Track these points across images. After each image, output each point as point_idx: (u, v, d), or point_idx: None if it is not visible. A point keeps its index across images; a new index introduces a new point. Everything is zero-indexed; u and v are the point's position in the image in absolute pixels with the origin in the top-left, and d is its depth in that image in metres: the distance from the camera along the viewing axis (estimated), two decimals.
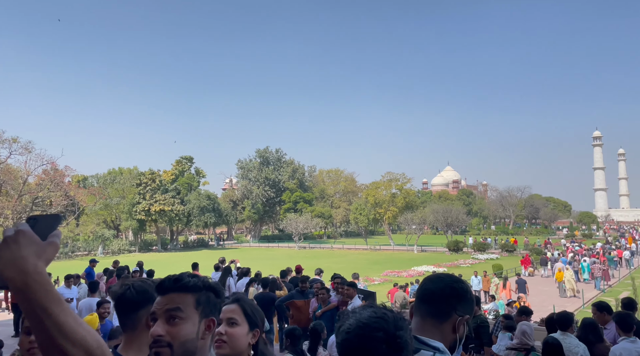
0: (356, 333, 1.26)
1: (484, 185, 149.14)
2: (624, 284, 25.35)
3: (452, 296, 1.65)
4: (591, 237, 67.46)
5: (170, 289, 1.50)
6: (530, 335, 6.20)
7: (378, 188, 67.77)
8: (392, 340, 1.24)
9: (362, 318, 1.29)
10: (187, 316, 1.45)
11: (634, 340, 4.97)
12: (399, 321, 1.29)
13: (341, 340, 1.28)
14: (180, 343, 1.42)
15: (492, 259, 40.22)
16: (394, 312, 1.33)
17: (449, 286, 1.67)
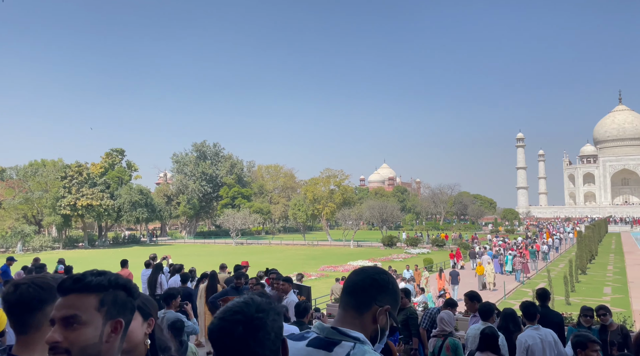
0: (219, 317, 1.33)
1: (418, 182, 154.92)
2: (541, 276, 27.36)
3: (372, 287, 1.68)
4: (513, 232, 72.12)
5: (70, 290, 1.38)
6: (448, 322, 6.52)
7: (317, 184, 68.29)
8: (249, 322, 1.30)
9: (229, 303, 1.38)
10: (87, 320, 1.34)
11: (537, 327, 5.38)
12: (262, 306, 1.34)
13: (209, 325, 1.36)
14: (80, 349, 1.32)
15: (423, 254, 41.90)
16: (265, 299, 1.40)
17: (370, 278, 1.70)
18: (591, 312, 6.64)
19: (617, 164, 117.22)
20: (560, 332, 6.38)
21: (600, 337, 6.38)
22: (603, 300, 20.48)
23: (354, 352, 1.53)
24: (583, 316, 6.69)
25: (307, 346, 1.61)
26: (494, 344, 4.86)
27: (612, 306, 18.63)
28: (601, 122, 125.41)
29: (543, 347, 5.16)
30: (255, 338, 1.30)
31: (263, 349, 1.30)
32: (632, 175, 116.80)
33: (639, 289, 22.96)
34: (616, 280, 26.31)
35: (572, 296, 20.04)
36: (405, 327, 7.25)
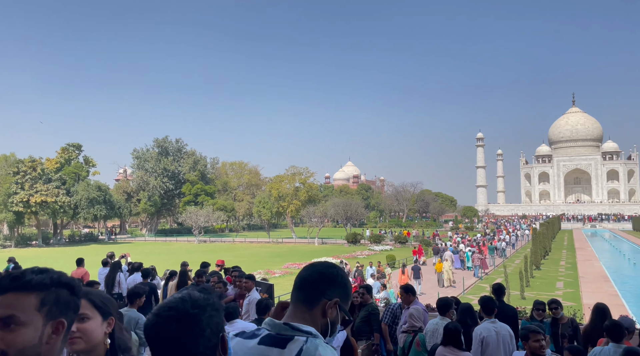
0: (154, 313, 1.32)
1: (382, 180, 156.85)
2: (498, 271, 28.29)
3: (320, 282, 1.69)
4: (472, 229, 74.26)
5: (8, 289, 1.29)
6: (417, 318, 6.63)
7: (282, 181, 68.00)
8: (183, 318, 1.29)
9: (166, 299, 1.37)
10: (26, 321, 1.26)
11: (494, 320, 5.57)
12: (199, 301, 1.32)
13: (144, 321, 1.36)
14: (17, 351, 1.25)
15: (386, 251, 42.49)
16: (204, 295, 1.37)
17: (317, 272, 1.71)
18: (543, 306, 6.92)
19: (570, 163, 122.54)
20: (514, 326, 6.61)
21: (551, 330, 6.66)
22: (556, 294, 21.39)
23: (307, 346, 1.53)
24: (535, 310, 6.96)
25: (259, 344, 1.60)
26: (457, 339, 4.99)
27: (564, 300, 19.51)
28: (556, 123, 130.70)
29: (498, 340, 5.33)
30: (189, 334, 1.28)
31: (197, 346, 1.28)
32: (583, 174, 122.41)
33: (589, 283, 24.12)
34: (568, 275, 27.51)
35: (526, 291, 20.80)
36: (367, 323, 7.32)
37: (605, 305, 6.48)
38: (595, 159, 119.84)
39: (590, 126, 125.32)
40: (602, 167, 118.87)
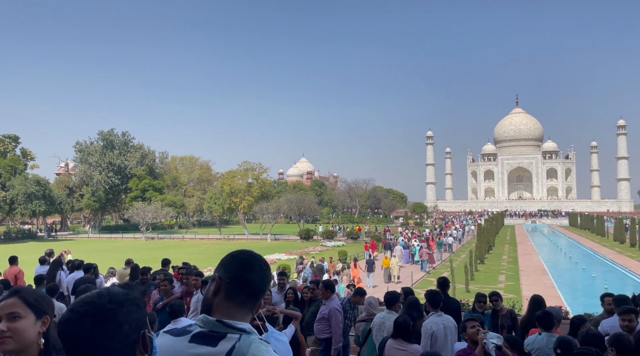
0: (69, 309, 1.30)
1: (335, 177, 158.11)
2: (445, 266, 29.22)
3: None
4: (422, 225, 76.40)
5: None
6: (375, 306, 6.79)
7: (234, 177, 67.08)
8: (98, 313, 1.26)
9: (83, 295, 1.34)
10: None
11: (440, 314, 5.75)
12: (117, 297, 1.30)
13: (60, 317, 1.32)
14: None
15: (338, 246, 42.95)
16: (125, 290, 1.35)
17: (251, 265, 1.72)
18: (484, 298, 7.20)
19: (513, 162, 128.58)
20: (458, 317, 6.85)
21: (492, 321, 6.94)
22: (498, 287, 22.38)
23: (240, 344, 1.48)
24: (477, 302, 7.23)
25: (190, 341, 1.53)
26: (407, 332, 5.09)
27: (505, 292, 20.45)
28: (500, 123, 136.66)
29: (445, 333, 5.51)
30: (103, 330, 1.24)
31: (112, 342, 1.24)
32: (525, 172, 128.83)
33: (528, 276, 25.40)
34: (509, 269, 28.85)
35: (471, 284, 21.62)
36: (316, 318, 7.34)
37: (541, 297, 6.83)
38: (536, 158, 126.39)
39: (532, 126, 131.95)
40: (542, 166, 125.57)
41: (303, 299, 7.81)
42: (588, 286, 23.19)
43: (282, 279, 8.24)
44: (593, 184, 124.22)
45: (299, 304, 7.73)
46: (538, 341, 4.99)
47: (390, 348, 5.07)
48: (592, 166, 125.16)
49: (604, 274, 25.77)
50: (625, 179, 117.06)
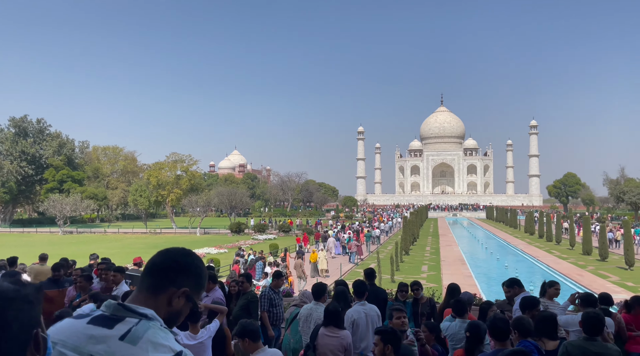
0: None
1: (268, 170, 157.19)
2: (373, 257, 30.17)
3: (171, 269, 1.62)
4: (352, 218, 78.12)
5: None
6: (309, 297, 6.92)
7: (162, 168, 64.59)
8: None
9: None
10: None
11: (364, 303, 6.00)
12: (6, 293, 1.21)
13: None
14: None
15: (270, 240, 42.88)
16: (15, 287, 1.25)
17: (170, 259, 1.65)
18: (406, 288, 7.56)
19: (437, 158, 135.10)
20: (385, 306, 7.16)
21: (412, 309, 7.32)
22: (421, 276, 23.53)
23: (137, 328, 1.46)
24: (399, 292, 7.58)
25: (88, 323, 1.49)
26: (337, 319, 5.23)
27: (427, 282, 21.55)
28: (426, 120, 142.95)
29: (367, 321, 5.75)
30: None
31: None
32: (449, 168, 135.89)
33: (449, 266, 26.92)
34: (432, 259, 30.39)
35: (396, 275, 22.53)
36: (247, 312, 7.33)
37: (457, 285, 7.30)
38: (458, 155, 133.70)
39: (455, 124, 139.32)
40: (463, 162, 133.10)
41: (230, 292, 7.75)
42: (501, 274, 24.96)
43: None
44: (508, 179, 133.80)
45: (227, 298, 7.66)
46: (452, 327, 5.36)
47: (322, 336, 5.19)
48: (507, 163, 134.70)
49: (515, 264, 27.90)
50: (536, 176, 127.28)
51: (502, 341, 4.30)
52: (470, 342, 4.65)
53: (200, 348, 4.65)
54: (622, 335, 6.29)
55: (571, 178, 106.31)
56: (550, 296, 6.90)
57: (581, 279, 22.39)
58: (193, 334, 4.96)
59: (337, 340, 5.10)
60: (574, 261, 28.85)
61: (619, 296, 12.85)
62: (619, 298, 10.82)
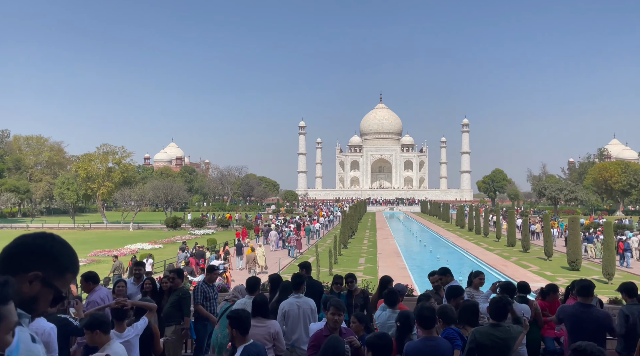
0: None
1: (207, 163, 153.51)
2: (312, 251, 30.42)
3: (19, 255, 1.54)
4: (292, 212, 78.31)
5: None
6: (242, 291, 6.88)
7: (92, 160, 61.34)
8: None
9: None
10: None
11: (299, 296, 6.06)
12: None
13: None
14: None
15: (208, 235, 41.98)
16: None
17: (20, 244, 1.57)
18: (341, 280, 7.70)
19: (376, 153, 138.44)
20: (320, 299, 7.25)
21: (347, 301, 7.46)
22: (358, 269, 24.06)
23: None
24: (334, 284, 7.71)
25: None
26: (264, 309, 5.28)
27: (364, 274, 22.07)
28: (366, 117, 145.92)
29: (299, 313, 5.81)
30: None
31: None
32: (386, 164, 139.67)
33: (385, 259, 27.72)
34: (369, 252, 31.16)
35: (335, 268, 22.85)
36: (177, 308, 7.15)
37: (389, 277, 7.54)
38: (395, 151, 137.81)
39: (393, 121, 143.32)
40: (400, 158, 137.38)
41: (162, 289, 7.51)
42: (433, 266, 25.75)
43: (139, 270, 7.82)
44: (442, 175, 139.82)
45: (158, 294, 7.42)
46: (382, 317, 5.54)
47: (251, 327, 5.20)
48: (441, 159, 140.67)
49: (447, 256, 29.21)
50: (467, 172, 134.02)
51: (429, 329, 4.49)
52: (400, 331, 4.82)
53: (126, 347, 4.47)
54: (539, 321, 6.78)
55: (498, 174, 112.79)
56: (476, 285, 7.33)
57: (505, 269, 23.88)
58: (118, 332, 4.76)
59: (264, 329, 5.14)
60: (500, 253, 30.71)
61: (538, 285, 13.84)
62: (537, 286, 11.63)
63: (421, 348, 4.35)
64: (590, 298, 5.46)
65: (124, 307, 4.67)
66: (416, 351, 4.34)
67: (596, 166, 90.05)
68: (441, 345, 4.40)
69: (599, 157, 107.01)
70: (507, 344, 4.51)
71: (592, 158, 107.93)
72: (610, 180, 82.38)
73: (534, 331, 6.61)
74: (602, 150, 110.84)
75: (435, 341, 4.39)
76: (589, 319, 5.25)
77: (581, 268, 23.73)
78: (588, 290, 5.41)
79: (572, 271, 23.37)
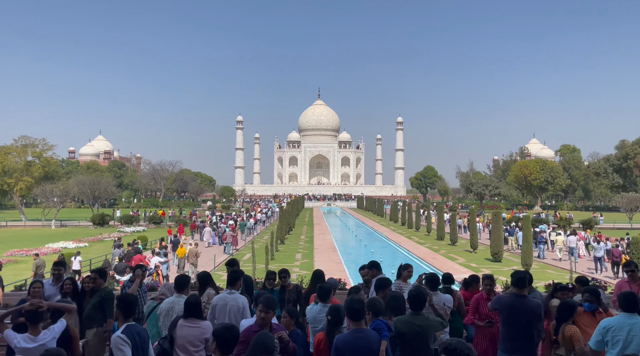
0: None
1: (138, 158, 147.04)
2: (248, 247, 30.14)
3: None
4: (229, 208, 76.99)
5: None
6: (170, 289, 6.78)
7: (8, 153, 56.87)
8: None
9: None
10: None
11: (232, 291, 6.00)
12: None
13: None
14: None
15: (139, 232, 40.27)
16: None
17: None
18: (274, 275, 7.69)
19: (314, 150, 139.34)
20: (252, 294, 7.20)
21: (280, 296, 7.48)
22: (294, 264, 24.14)
23: None
24: (267, 280, 7.69)
25: None
26: (197, 310, 5.14)
27: (301, 269, 22.20)
28: (305, 113, 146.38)
29: (225, 309, 5.80)
30: None
31: None
32: (324, 160, 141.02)
33: (321, 254, 28.02)
34: (306, 247, 31.36)
35: (271, 264, 22.75)
36: (100, 310, 6.80)
37: (321, 271, 7.63)
38: (333, 147, 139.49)
39: (331, 117, 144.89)
40: (338, 154, 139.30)
41: (83, 289, 7.11)
42: (368, 260, 26.66)
43: (59, 270, 7.35)
44: (377, 171, 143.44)
45: (80, 295, 7.02)
46: (313, 311, 5.60)
47: (181, 327, 5.05)
48: (377, 156, 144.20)
49: (381, 250, 30.04)
50: (401, 168, 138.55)
51: (358, 321, 4.60)
52: (331, 324, 4.90)
53: (41, 351, 4.18)
54: (461, 310, 7.15)
55: (430, 170, 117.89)
56: (405, 278, 7.60)
57: (434, 261, 24.99)
58: (32, 336, 4.45)
59: (197, 330, 5.01)
60: (430, 246, 32.07)
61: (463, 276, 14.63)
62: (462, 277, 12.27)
63: (350, 340, 4.45)
64: (525, 289, 5.74)
65: (39, 309, 4.37)
66: (345, 343, 4.43)
67: (517, 163, 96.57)
68: (369, 336, 4.53)
69: (520, 155, 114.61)
70: (426, 332, 4.74)
71: (514, 156, 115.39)
72: (530, 177, 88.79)
73: (457, 320, 6.98)
74: (523, 149, 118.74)
75: (363, 333, 4.51)
76: (523, 308, 5.56)
77: (503, 259, 25.35)
78: (523, 282, 5.68)
79: (495, 262, 24.91)
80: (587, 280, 7.23)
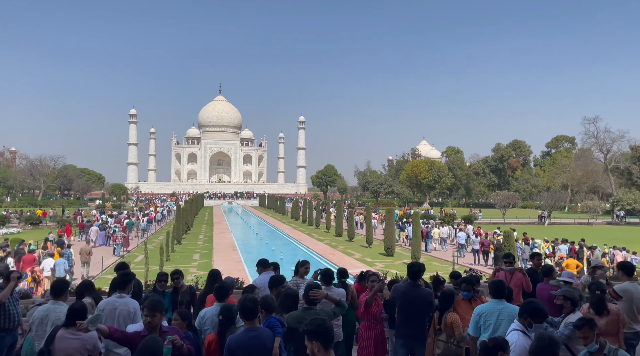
0: None
1: (12, 152, 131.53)
2: (141, 248, 28.42)
3: None
4: (120, 207, 71.98)
5: None
6: None
7: None
8: None
9: None
10: None
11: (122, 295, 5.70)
12: None
13: None
14: None
15: (13, 234, 36.08)
16: None
17: None
18: (165, 277, 7.38)
19: (215, 146, 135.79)
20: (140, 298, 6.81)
21: (172, 298, 7.17)
22: (192, 265, 23.32)
23: None
24: (158, 282, 7.35)
25: None
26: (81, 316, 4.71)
27: (198, 269, 21.53)
28: (205, 108, 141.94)
29: (117, 314, 5.51)
30: None
31: None
32: (226, 157, 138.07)
33: (220, 253, 27.39)
34: (205, 247, 30.44)
35: (166, 265, 21.69)
36: None
37: (218, 271, 7.46)
38: (235, 144, 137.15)
39: (233, 114, 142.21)
40: (240, 152, 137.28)
41: None
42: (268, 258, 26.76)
43: None
44: (279, 169, 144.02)
45: None
46: (209, 311, 5.45)
47: (60, 339, 4.59)
48: (279, 154, 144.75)
49: (282, 247, 30.20)
50: (303, 166, 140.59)
51: (251, 319, 4.56)
52: (222, 324, 4.80)
53: None
54: (354, 303, 7.44)
55: (330, 169, 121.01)
56: (302, 274, 7.71)
57: (333, 257, 25.74)
58: None
59: (78, 342, 4.59)
60: (329, 242, 32.97)
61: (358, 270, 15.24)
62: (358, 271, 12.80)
63: (243, 339, 4.40)
64: (419, 280, 6.40)
65: None
66: (238, 343, 4.37)
67: (409, 163, 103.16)
68: (263, 334, 4.51)
69: (412, 156, 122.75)
70: None
71: (407, 157, 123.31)
72: (420, 176, 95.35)
73: (350, 313, 7.25)
74: (414, 150, 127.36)
75: (257, 331, 4.48)
76: (416, 296, 6.18)
77: (395, 253, 26.91)
78: (418, 275, 6.39)
79: (387, 256, 26.35)
80: (460, 274, 8.09)
